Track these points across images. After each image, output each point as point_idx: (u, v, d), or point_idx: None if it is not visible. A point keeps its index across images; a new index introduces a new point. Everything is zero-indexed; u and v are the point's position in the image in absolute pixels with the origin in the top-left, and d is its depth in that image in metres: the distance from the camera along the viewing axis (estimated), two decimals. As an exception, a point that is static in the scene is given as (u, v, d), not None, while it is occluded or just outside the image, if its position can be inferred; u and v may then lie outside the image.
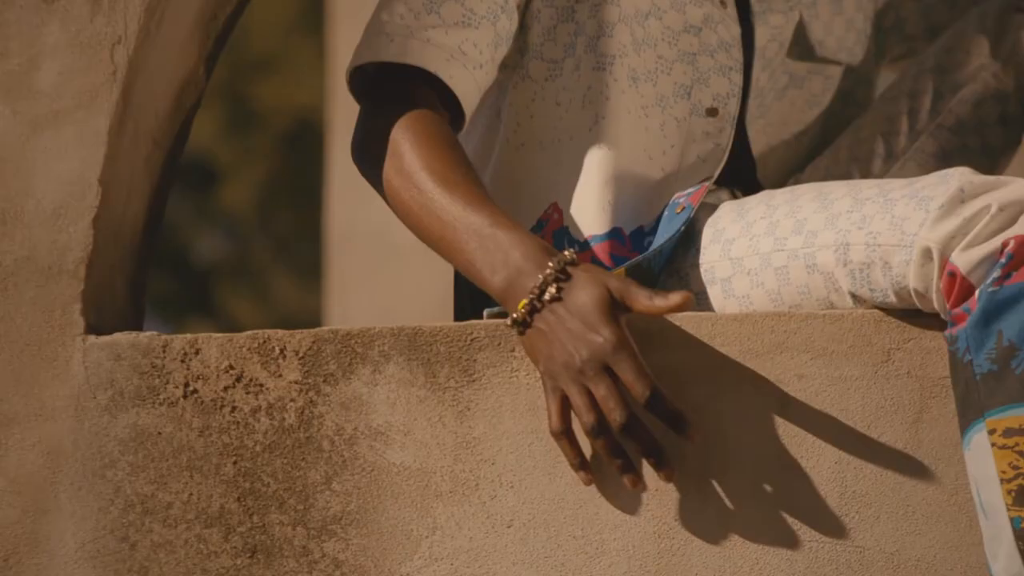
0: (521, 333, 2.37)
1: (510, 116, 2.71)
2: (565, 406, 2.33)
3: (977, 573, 2.31)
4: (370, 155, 2.58)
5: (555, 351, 2.34)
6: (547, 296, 2.35)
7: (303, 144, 15.35)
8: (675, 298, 2.36)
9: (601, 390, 2.31)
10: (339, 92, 7.48)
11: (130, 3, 2.52)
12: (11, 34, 2.52)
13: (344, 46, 7.28)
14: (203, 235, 15.86)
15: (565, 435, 2.35)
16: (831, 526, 2.36)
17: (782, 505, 2.37)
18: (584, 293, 2.36)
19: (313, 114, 14.11)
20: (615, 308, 2.35)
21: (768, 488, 2.37)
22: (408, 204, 2.51)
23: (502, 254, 2.41)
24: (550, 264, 2.37)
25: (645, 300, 2.36)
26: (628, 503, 2.38)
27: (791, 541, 2.36)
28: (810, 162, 2.87)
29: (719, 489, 2.37)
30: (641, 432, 2.33)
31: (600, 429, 2.32)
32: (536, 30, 2.68)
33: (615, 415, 2.31)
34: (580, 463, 2.36)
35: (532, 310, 2.35)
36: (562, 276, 2.36)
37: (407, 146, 2.52)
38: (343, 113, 7.47)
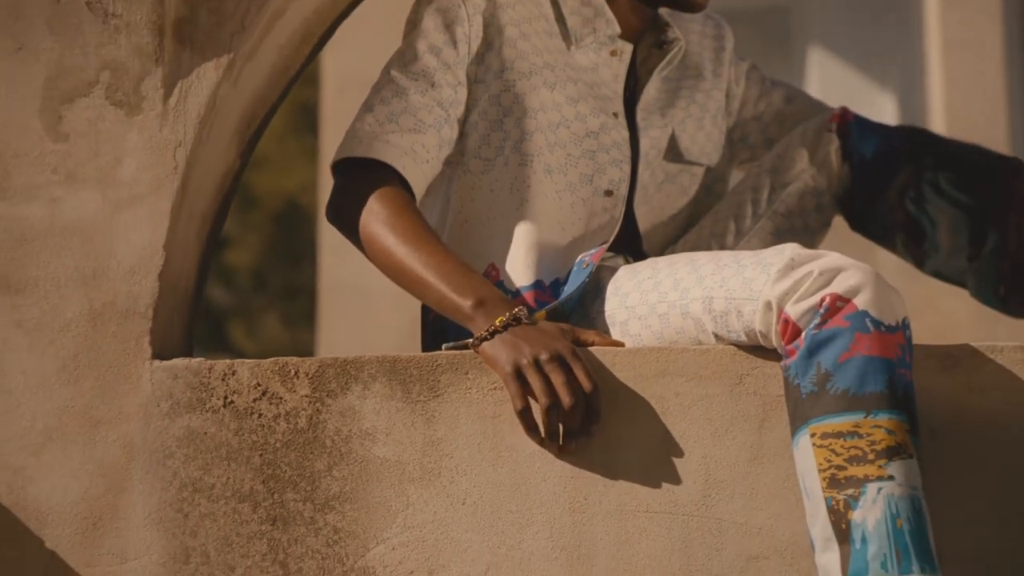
0: (486, 341, 2.38)
1: (456, 199, 2.69)
2: (525, 390, 2.33)
3: (801, 537, 2.31)
4: (347, 215, 2.57)
5: (524, 349, 2.34)
6: (521, 319, 2.38)
7: (291, 221, 15.29)
8: (609, 339, 2.45)
9: (560, 378, 2.31)
10: (326, 180, 7.49)
11: (188, 117, 2.52)
12: (103, 139, 2.51)
13: (331, 146, 7.29)
14: (216, 287, 15.70)
15: (524, 413, 2.35)
16: (698, 503, 2.36)
17: (663, 488, 2.36)
18: (546, 323, 2.41)
19: (300, 197, 14.07)
20: (568, 333, 2.40)
21: (653, 476, 2.37)
22: (387, 251, 2.51)
23: (471, 289, 2.43)
24: (518, 308, 2.40)
25: (590, 336, 2.43)
26: (550, 487, 2.37)
27: (670, 514, 2.35)
28: (681, 237, 2.84)
29: (617, 477, 2.37)
30: (578, 413, 2.34)
31: (552, 407, 2.32)
32: (474, 136, 2.67)
33: (566, 398, 2.31)
34: (536, 435, 2.37)
35: (508, 325, 2.37)
36: (527, 317, 2.40)
37: (382, 208, 2.52)
38: (328, 195, 7.51)
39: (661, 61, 2.80)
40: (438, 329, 2.64)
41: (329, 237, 7.28)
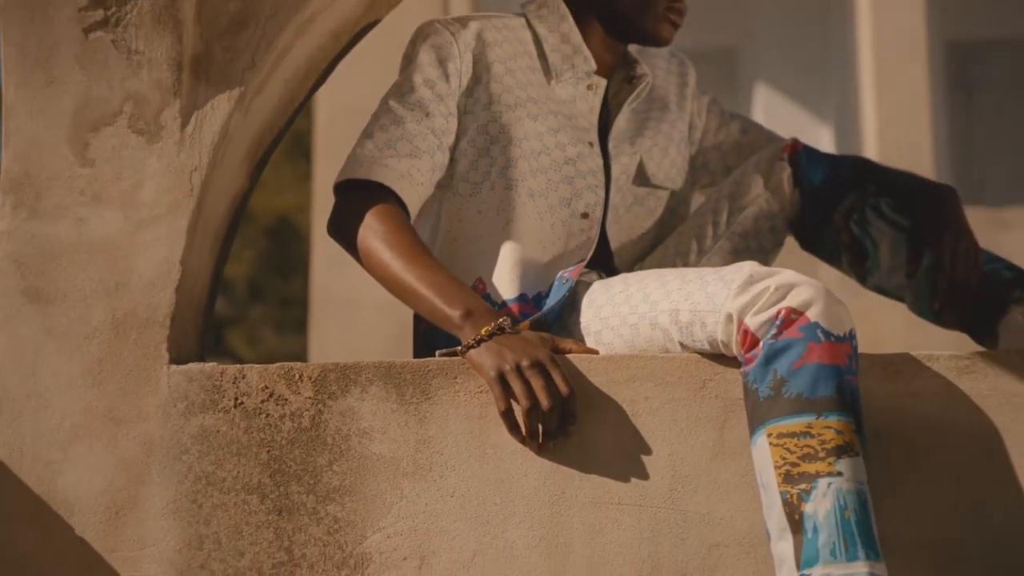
0: (473, 348, 2.38)
1: (446, 219, 2.69)
2: (508, 393, 2.33)
3: (759, 527, 2.31)
4: (347, 229, 2.57)
5: (507, 356, 2.33)
6: (506, 328, 2.38)
7: (284, 237, 15.24)
8: (585, 347, 2.45)
9: (539, 382, 2.31)
10: (319, 201, 7.45)
11: (203, 145, 2.52)
12: (125, 164, 2.50)
13: (322, 170, 7.28)
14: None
15: (507, 414, 2.35)
16: (665, 496, 2.36)
17: (633, 483, 2.36)
18: (529, 332, 2.41)
19: (293, 216, 14.03)
20: (548, 342, 2.40)
21: (624, 471, 2.37)
22: (383, 263, 2.51)
23: (460, 299, 2.43)
24: (503, 319, 2.40)
25: (568, 344, 2.43)
26: (531, 482, 2.37)
27: (639, 506, 2.36)
28: (648, 254, 2.83)
29: (591, 472, 2.37)
30: (555, 415, 2.34)
31: (533, 408, 2.33)
32: (463, 162, 2.67)
33: (545, 401, 2.32)
34: (517, 433, 2.36)
35: (493, 334, 2.37)
36: (511, 327, 2.40)
37: (379, 225, 2.53)
38: (321, 215, 7.44)
39: (631, 95, 2.81)
40: (429, 337, 2.65)
41: (321, 252, 7.27)
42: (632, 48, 2.86)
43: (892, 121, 8.27)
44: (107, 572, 2.23)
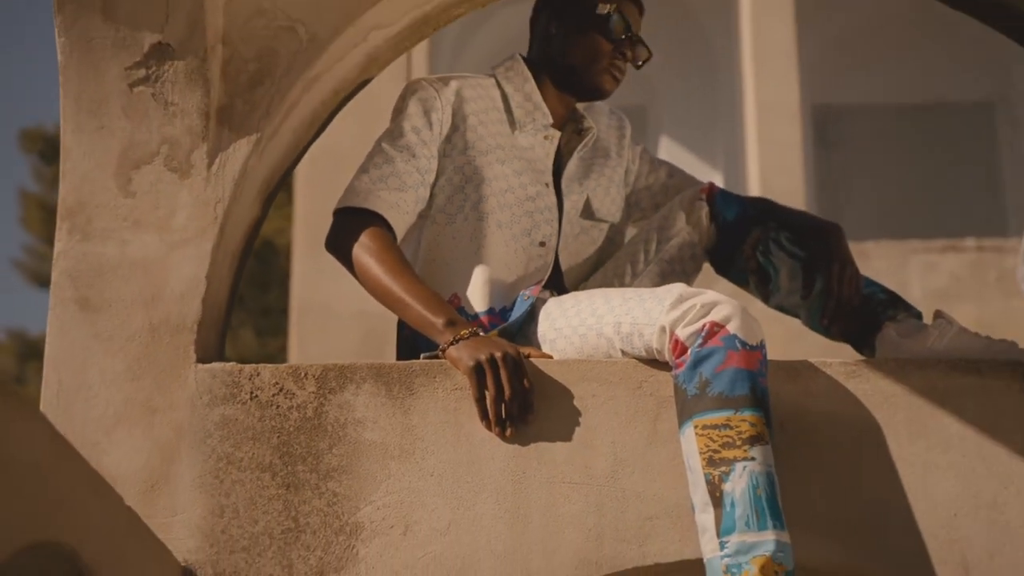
0: (454, 344, 2.37)
1: (425, 244, 2.68)
2: (482, 383, 2.34)
3: (685, 502, 2.31)
4: (344, 247, 2.56)
5: (481, 351, 2.34)
6: (479, 333, 2.39)
7: (265, 256, 15.13)
8: (542, 353, 2.45)
9: (506, 373, 2.32)
10: (299, 225, 7.40)
11: (225, 181, 2.52)
12: (161, 196, 2.51)
13: (303, 199, 7.23)
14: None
15: (480, 401, 2.35)
16: (608, 477, 2.36)
17: (582, 465, 2.36)
18: (498, 338, 2.41)
19: (274, 238, 13.93)
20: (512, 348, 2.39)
21: (574, 456, 2.37)
22: (375, 277, 2.50)
23: (443, 311, 2.44)
24: (476, 326, 2.41)
25: (528, 350, 2.43)
26: (497, 464, 2.37)
27: (587, 484, 2.36)
28: (590, 276, 2.83)
29: (547, 456, 2.37)
30: (519, 403, 2.34)
31: (499, 397, 2.33)
32: (440, 197, 2.67)
33: (508, 390, 2.33)
34: (486, 419, 2.36)
35: (471, 335, 2.38)
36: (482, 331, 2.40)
37: (372, 244, 2.52)
38: (301, 237, 7.39)
39: (579, 144, 2.82)
40: (411, 341, 2.63)
41: (300, 268, 7.21)
42: (580, 105, 2.86)
43: (771, 169, 8.33)
44: (147, 534, 2.21)
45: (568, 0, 2.79)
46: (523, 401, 2.35)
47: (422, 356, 2.48)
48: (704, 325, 2.28)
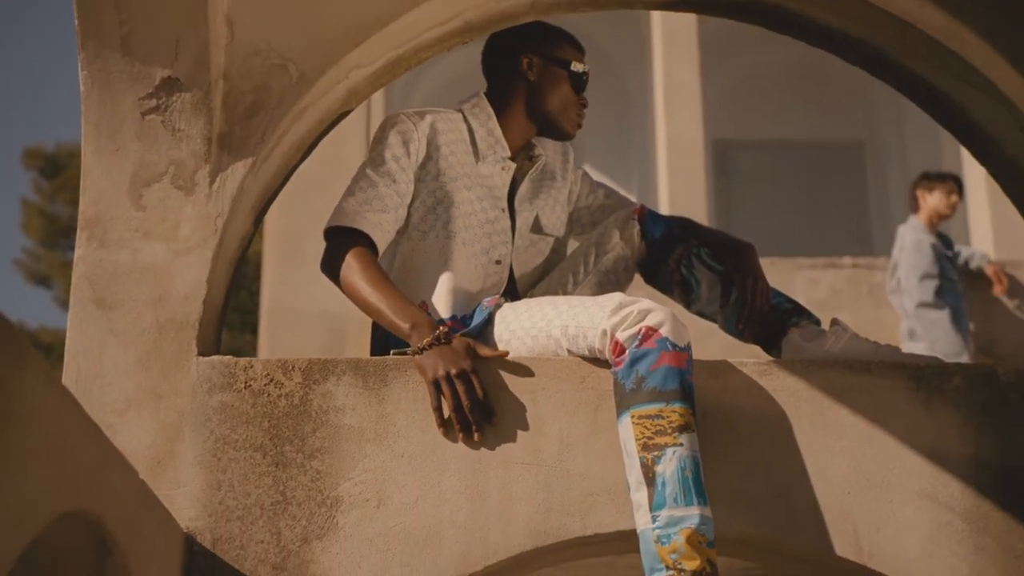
0: (419, 353, 2.36)
1: (400, 256, 2.67)
2: (439, 393, 2.33)
3: (622, 482, 2.31)
4: (334, 266, 2.54)
5: (440, 364, 2.33)
6: (441, 339, 2.37)
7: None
8: (499, 352, 2.41)
9: (462, 387, 2.32)
10: (270, 235, 7.32)
11: (225, 197, 2.50)
12: (168, 211, 2.49)
13: (273, 213, 7.13)
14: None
15: (438, 410, 2.34)
16: (555, 459, 2.36)
17: (533, 448, 2.36)
18: (458, 341, 2.38)
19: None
20: (471, 351, 2.38)
21: (527, 440, 2.37)
22: (357, 290, 2.48)
23: (409, 316, 2.41)
24: (440, 328, 2.38)
25: (486, 351, 2.40)
26: (460, 447, 2.36)
27: (537, 466, 2.36)
28: (538, 283, 2.82)
29: (504, 440, 2.36)
30: (475, 412, 2.33)
31: (457, 406, 2.32)
32: (415, 216, 2.65)
33: (466, 401, 2.32)
34: (444, 424, 2.35)
35: (432, 344, 2.36)
36: (445, 336, 2.37)
37: (355, 262, 2.50)
38: (271, 247, 7.33)
39: (531, 169, 2.82)
40: (383, 340, 2.62)
41: (270, 272, 7.14)
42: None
43: (679, 195, 8.38)
44: (156, 504, 2.19)
45: (549, 57, 2.80)
46: (482, 409, 2.34)
47: (392, 352, 2.47)
48: (640, 329, 2.29)
